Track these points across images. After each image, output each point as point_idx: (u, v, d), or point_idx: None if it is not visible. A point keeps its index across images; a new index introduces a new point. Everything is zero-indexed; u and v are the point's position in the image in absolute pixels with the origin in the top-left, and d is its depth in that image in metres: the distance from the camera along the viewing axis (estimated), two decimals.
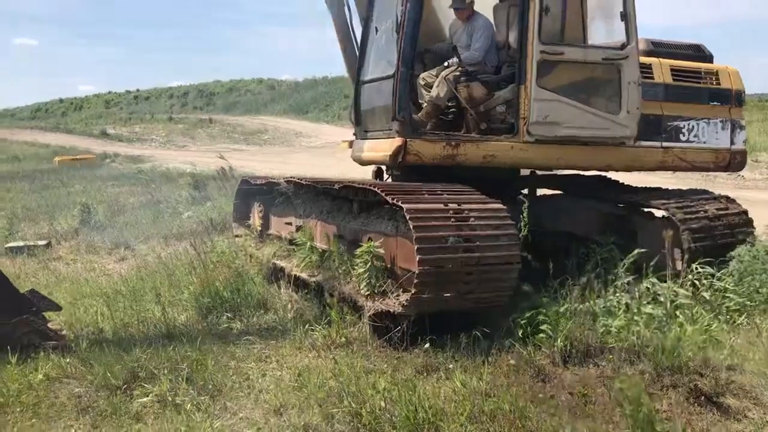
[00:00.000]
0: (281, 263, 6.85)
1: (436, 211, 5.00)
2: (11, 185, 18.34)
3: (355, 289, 5.44)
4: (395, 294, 5.11)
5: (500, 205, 5.22)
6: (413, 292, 4.79)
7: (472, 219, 5.01)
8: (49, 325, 5.41)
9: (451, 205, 5.10)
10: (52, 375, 4.70)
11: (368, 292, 5.25)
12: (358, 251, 5.41)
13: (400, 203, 4.97)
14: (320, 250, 6.37)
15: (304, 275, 6.30)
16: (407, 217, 4.84)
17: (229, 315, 5.92)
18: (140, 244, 9.91)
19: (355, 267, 5.45)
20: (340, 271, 5.80)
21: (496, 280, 5.02)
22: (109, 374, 4.50)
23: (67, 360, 4.89)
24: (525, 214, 5.33)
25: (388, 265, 5.33)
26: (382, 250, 5.33)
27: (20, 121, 57.49)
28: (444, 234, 4.84)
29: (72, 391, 4.46)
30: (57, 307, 5.65)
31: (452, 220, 4.97)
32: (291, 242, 7.05)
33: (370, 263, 5.29)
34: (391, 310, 4.97)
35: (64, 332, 5.47)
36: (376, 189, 5.35)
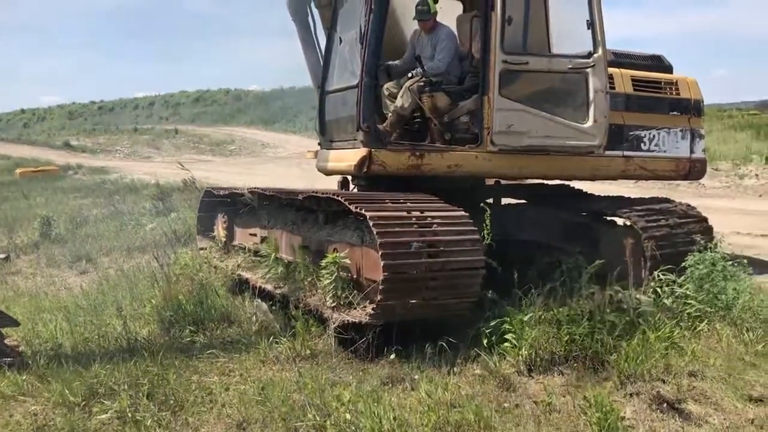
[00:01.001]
0: (246, 275, 6.76)
1: (399, 219, 5.01)
2: None
3: (320, 301, 5.39)
4: (361, 305, 5.09)
5: (462, 212, 5.24)
6: (379, 299, 4.78)
7: (435, 225, 5.04)
8: (6, 341, 5.26)
9: (414, 213, 5.12)
10: (7, 393, 4.58)
11: (334, 304, 5.21)
12: (323, 262, 5.36)
13: (363, 211, 4.96)
14: (285, 261, 6.31)
15: (269, 287, 6.23)
16: (371, 225, 4.83)
17: (192, 328, 5.82)
18: (102, 256, 9.75)
19: (321, 278, 5.41)
20: (306, 283, 5.74)
21: (460, 286, 5.03)
22: (67, 391, 4.39)
23: (23, 377, 4.77)
24: (488, 222, 5.34)
25: (354, 276, 5.30)
26: (347, 261, 5.29)
27: None
28: (407, 240, 4.84)
29: (28, 409, 4.34)
30: (14, 323, 5.49)
31: (415, 226, 4.99)
32: (256, 254, 6.97)
33: (335, 274, 5.25)
34: (358, 320, 4.94)
35: (20, 348, 5.34)
36: (339, 198, 5.33)
